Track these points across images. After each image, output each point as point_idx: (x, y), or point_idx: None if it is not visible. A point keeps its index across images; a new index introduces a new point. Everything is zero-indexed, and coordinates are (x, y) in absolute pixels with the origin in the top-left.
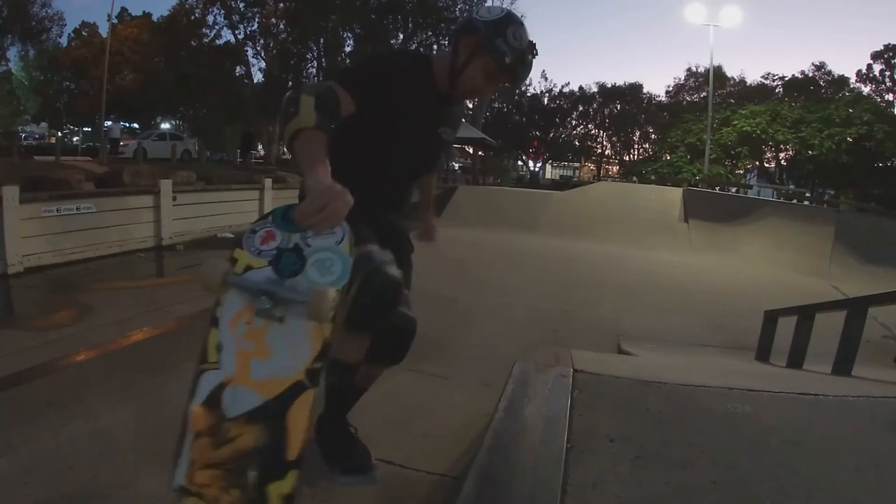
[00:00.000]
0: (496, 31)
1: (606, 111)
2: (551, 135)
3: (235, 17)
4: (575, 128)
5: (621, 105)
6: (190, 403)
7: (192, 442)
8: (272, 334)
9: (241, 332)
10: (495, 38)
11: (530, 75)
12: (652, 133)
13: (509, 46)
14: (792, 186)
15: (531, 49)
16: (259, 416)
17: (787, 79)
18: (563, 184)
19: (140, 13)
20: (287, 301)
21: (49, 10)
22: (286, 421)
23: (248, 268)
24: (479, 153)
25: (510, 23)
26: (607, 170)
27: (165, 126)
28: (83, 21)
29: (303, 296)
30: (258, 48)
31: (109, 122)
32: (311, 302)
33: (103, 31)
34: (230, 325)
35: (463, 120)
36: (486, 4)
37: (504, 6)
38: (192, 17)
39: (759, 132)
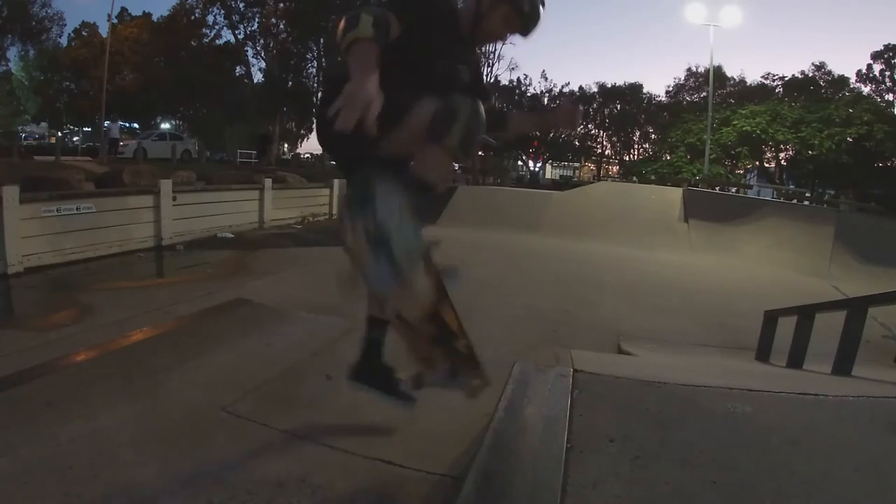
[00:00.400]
0: None
1: (606, 111)
2: (551, 135)
3: (235, 17)
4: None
5: (621, 105)
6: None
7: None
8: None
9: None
10: None
11: (530, 76)
12: (652, 133)
13: None
14: (792, 186)
15: (542, 1)
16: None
17: (787, 79)
18: (563, 184)
19: (140, 13)
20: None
21: (49, 10)
22: (444, 318)
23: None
24: (479, 153)
25: None
26: (607, 170)
27: (165, 126)
28: (83, 21)
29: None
30: (258, 48)
31: (108, 122)
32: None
33: (103, 31)
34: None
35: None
36: None
37: None
38: (192, 17)
39: (759, 132)
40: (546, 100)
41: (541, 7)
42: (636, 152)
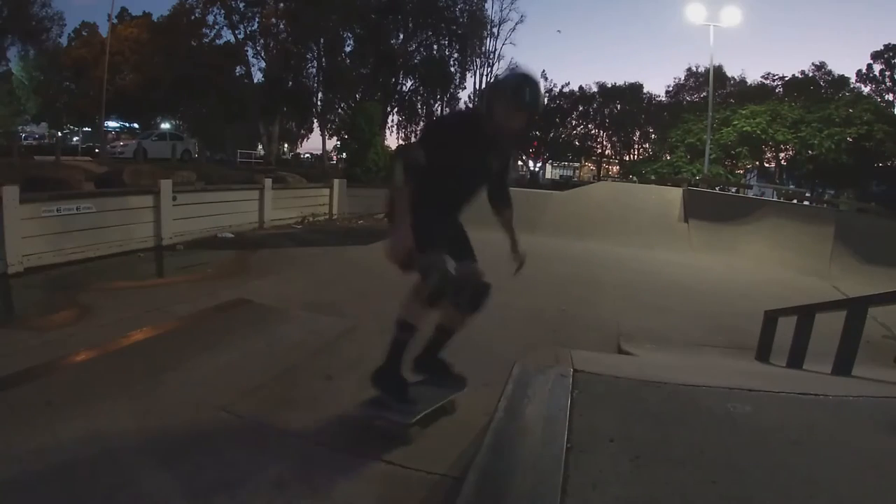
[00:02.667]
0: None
1: (606, 111)
2: (551, 135)
3: (235, 17)
4: (575, 128)
5: (621, 105)
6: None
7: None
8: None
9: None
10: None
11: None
12: (652, 133)
13: (525, 100)
14: (792, 186)
15: (536, 96)
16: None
17: (787, 79)
18: (563, 184)
19: (140, 13)
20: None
21: (49, 10)
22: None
23: None
24: None
25: (525, 83)
26: (607, 170)
27: (165, 126)
28: (83, 21)
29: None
30: (258, 48)
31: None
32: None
33: (103, 31)
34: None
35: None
36: (511, 71)
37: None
38: (192, 17)
39: (759, 132)
40: (546, 100)
41: (539, 94)
42: (636, 152)
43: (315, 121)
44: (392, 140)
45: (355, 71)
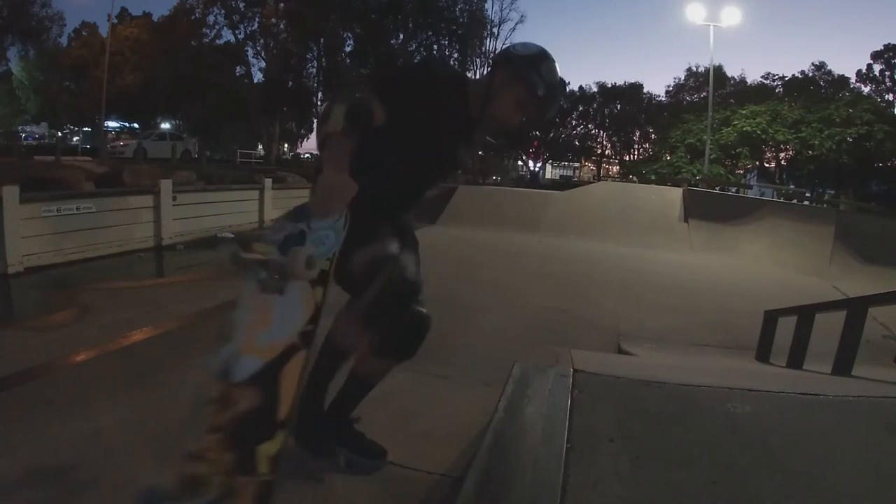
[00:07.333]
0: (531, 64)
1: (606, 111)
2: (551, 135)
3: (235, 17)
4: (575, 128)
5: (621, 105)
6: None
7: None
8: (274, 305)
9: (251, 307)
10: (529, 70)
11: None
12: (652, 133)
13: (542, 79)
14: (792, 186)
15: (561, 85)
16: (258, 378)
17: (787, 79)
18: (563, 184)
19: (140, 13)
20: (275, 268)
21: (49, 10)
22: (280, 381)
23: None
24: (479, 153)
25: (544, 58)
26: (607, 170)
27: (165, 126)
28: (83, 21)
29: (283, 258)
30: (258, 48)
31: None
32: (288, 261)
33: (103, 31)
34: (245, 304)
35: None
36: (523, 41)
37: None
38: (193, 17)
39: (759, 132)
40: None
41: (558, 91)
42: (636, 152)
43: (315, 121)
44: None
45: (355, 71)
